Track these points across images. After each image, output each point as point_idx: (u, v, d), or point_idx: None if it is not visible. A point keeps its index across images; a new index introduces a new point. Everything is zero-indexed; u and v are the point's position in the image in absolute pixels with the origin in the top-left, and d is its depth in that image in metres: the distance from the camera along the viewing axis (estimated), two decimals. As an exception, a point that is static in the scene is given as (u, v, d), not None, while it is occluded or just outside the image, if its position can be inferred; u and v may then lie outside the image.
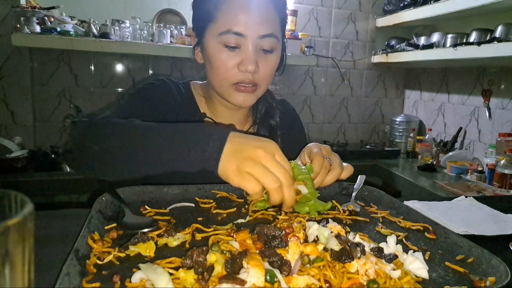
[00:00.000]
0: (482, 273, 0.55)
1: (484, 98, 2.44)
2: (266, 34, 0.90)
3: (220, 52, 0.90)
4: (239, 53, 0.90)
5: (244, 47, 0.89)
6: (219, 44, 0.90)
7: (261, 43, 0.90)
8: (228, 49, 0.89)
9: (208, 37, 0.92)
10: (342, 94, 3.11)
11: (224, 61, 0.90)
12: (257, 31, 0.89)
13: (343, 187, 0.91)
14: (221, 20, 0.89)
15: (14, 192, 0.34)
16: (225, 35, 0.88)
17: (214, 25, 0.90)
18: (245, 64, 0.89)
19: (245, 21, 0.88)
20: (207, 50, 0.93)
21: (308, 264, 0.52)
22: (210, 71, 0.95)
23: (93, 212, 0.64)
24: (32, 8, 2.14)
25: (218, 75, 0.93)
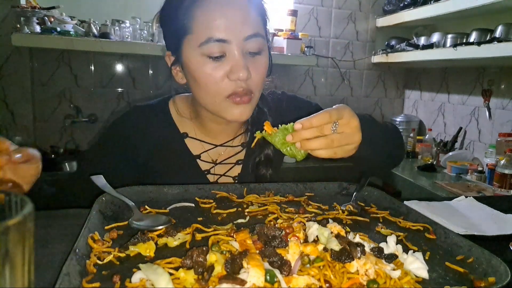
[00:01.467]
0: (482, 273, 0.55)
1: (484, 98, 2.44)
2: (251, 35, 0.81)
3: (204, 65, 0.81)
4: (225, 62, 0.81)
5: (230, 54, 0.80)
6: (202, 56, 0.81)
7: (247, 46, 0.82)
8: (213, 59, 0.80)
9: (186, 52, 0.83)
10: (342, 94, 3.11)
11: (211, 74, 0.81)
12: (241, 32, 0.80)
13: (343, 187, 0.91)
14: (199, 30, 0.80)
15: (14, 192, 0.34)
16: (206, 45, 0.79)
17: (192, 37, 0.81)
18: (235, 72, 0.80)
19: (225, 25, 0.79)
20: (188, 67, 0.84)
21: (308, 264, 0.52)
22: (197, 89, 0.86)
23: (93, 212, 0.64)
24: (32, 8, 2.14)
25: (208, 91, 0.83)
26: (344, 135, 0.70)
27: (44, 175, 0.76)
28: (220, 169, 0.99)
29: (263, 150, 0.98)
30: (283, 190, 0.86)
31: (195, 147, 0.98)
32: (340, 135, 0.70)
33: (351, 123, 0.71)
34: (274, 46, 2.61)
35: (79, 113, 2.45)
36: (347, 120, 0.70)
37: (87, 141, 2.48)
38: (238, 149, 1.02)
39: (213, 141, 1.00)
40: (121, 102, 2.55)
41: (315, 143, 0.69)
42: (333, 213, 0.76)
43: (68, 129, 2.47)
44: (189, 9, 0.81)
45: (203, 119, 0.96)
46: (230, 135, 1.01)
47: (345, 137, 0.70)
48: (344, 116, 0.70)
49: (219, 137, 1.00)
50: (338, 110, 0.70)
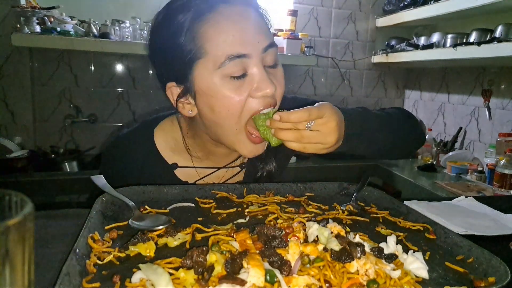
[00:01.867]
0: (482, 273, 0.55)
1: (484, 98, 2.44)
2: (268, 45, 0.77)
3: (226, 87, 0.74)
4: (247, 80, 0.75)
5: (252, 70, 0.75)
6: (222, 79, 0.74)
7: (266, 58, 0.77)
8: (235, 79, 0.74)
9: (201, 77, 0.75)
10: (342, 94, 3.11)
11: (235, 96, 0.74)
12: (259, 44, 0.75)
13: (343, 187, 0.91)
14: (214, 50, 0.73)
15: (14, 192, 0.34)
16: (227, 64, 0.73)
17: (206, 60, 0.74)
18: (261, 88, 0.74)
19: (243, 39, 0.74)
20: (205, 94, 0.76)
21: (308, 264, 0.52)
22: (214, 119, 0.78)
23: (93, 212, 0.64)
24: (32, 8, 2.14)
25: (229, 118, 0.76)
26: (317, 134, 0.72)
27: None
28: None
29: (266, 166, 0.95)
30: (283, 190, 0.86)
31: (188, 176, 0.92)
32: (312, 133, 0.72)
33: (328, 123, 0.72)
34: (274, 46, 2.60)
35: (79, 113, 2.45)
36: (325, 120, 0.72)
37: (87, 141, 2.48)
38: (236, 170, 0.97)
39: (212, 164, 0.94)
40: (121, 102, 2.56)
41: (286, 135, 0.72)
42: (333, 213, 0.75)
43: (68, 129, 2.47)
44: (196, 31, 0.74)
45: (206, 145, 0.89)
46: (231, 158, 0.96)
47: (318, 136, 0.72)
48: (324, 115, 0.72)
49: (222, 160, 0.94)
50: (319, 109, 0.71)
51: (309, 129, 0.71)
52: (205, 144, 0.90)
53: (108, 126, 2.54)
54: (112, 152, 0.94)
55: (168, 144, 0.93)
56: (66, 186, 2.03)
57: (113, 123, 2.56)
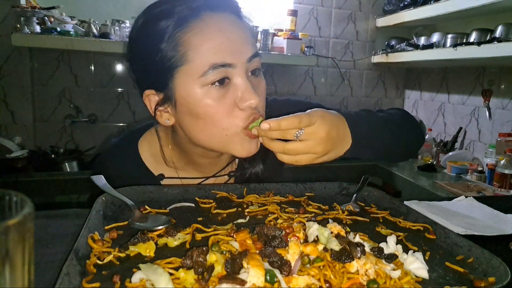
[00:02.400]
0: (482, 273, 0.55)
1: (484, 98, 2.44)
2: (253, 55, 0.76)
3: (209, 96, 0.72)
4: (231, 89, 0.74)
5: (235, 80, 0.73)
6: (203, 87, 0.72)
7: (250, 67, 0.76)
8: (218, 88, 0.73)
9: (181, 85, 0.73)
10: (342, 94, 3.11)
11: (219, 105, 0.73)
12: (244, 53, 0.74)
13: (343, 187, 0.91)
14: (197, 57, 0.71)
15: (14, 192, 0.34)
16: (210, 72, 0.71)
17: (188, 67, 0.72)
18: (246, 99, 0.73)
19: (228, 48, 0.72)
20: (187, 102, 0.74)
21: (308, 264, 0.52)
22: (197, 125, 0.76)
23: (93, 212, 0.64)
24: (32, 8, 2.14)
25: (218, 125, 0.74)
26: (305, 144, 0.69)
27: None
28: None
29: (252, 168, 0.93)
30: (283, 190, 0.86)
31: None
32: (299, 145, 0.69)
33: (317, 133, 0.69)
34: (274, 46, 2.61)
35: (79, 113, 2.45)
36: (314, 129, 0.69)
37: (87, 141, 2.48)
38: (225, 179, 0.95)
39: (199, 174, 0.93)
40: (121, 102, 2.56)
41: (275, 146, 0.70)
42: (333, 213, 0.75)
43: (68, 129, 2.47)
44: (178, 38, 0.72)
45: (191, 155, 0.87)
46: (219, 166, 0.94)
47: (306, 147, 0.69)
48: (315, 124, 0.69)
49: (208, 169, 0.93)
50: (310, 116, 0.68)
51: (298, 139, 0.68)
52: (188, 154, 0.88)
53: (108, 126, 2.54)
54: (98, 167, 0.93)
55: (153, 155, 0.91)
56: (66, 186, 2.03)
57: (113, 123, 2.56)
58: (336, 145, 0.73)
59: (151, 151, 0.92)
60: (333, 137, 0.71)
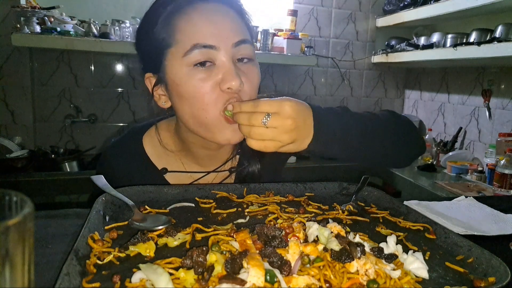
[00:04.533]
0: (482, 273, 0.55)
1: (484, 98, 2.44)
2: (240, 41, 0.77)
3: (192, 76, 0.74)
4: (215, 70, 0.75)
5: (219, 62, 0.75)
6: (188, 67, 0.75)
7: (237, 53, 0.77)
8: (201, 69, 0.75)
9: (170, 66, 0.77)
10: (342, 94, 3.11)
11: (201, 85, 0.74)
12: (229, 38, 0.75)
13: (343, 187, 0.91)
14: (183, 39, 0.75)
15: (14, 192, 0.34)
16: (192, 52, 0.74)
17: (175, 48, 0.76)
18: (227, 81, 0.74)
19: (212, 31, 0.75)
20: (174, 82, 0.77)
21: (308, 264, 0.52)
22: (184, 107, 0.78)
23: (93, 212, 0.64)
24: (32, 8, 2.14)
25: (199, 107, 0.76)
26: (272, 131, 0.67)
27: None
28: None
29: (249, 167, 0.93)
30: (283, 190, 0.86)
31: (178, 181, 0.92)
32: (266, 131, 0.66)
33: (283, 121, 0.66)
34: (274, 46, 2.61)
35: (79, 113, 2.45)
36: (281, 116, 0.66)
37: (87, 141, 2.48)
38: (226, 174, 0.96)
39: (201, 168, 0.94)
40: (121, 102, 2.56)
41: (242, 129, 0.70)
42: (333, 213, 0.75)
43: (68, 129, 2.47)
44: (170, 22, 0.77)
45: (191, 147, 0.89)
46: (219, 160, 0.95)
47: (272, 133, 0.67)
48: (282, 112, 0.66)
49: (209, 163, 0.94)
50: (280, 104, 0.66)
51: (265, 125, 0.66)
52: (187, 144, 0.90)
53: (108, 126, 2.54)
54: (103, 162, 0.94)
55: (157, 149, 0.93)
56: (66, 186, 2.03)
57: (113, 123, 2.56)
58: (301, 135, 0.70)
59: (155, 146, 0.93)
60: (299, 126, 0.68)
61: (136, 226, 0.63)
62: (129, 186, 0.78)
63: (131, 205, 0.69)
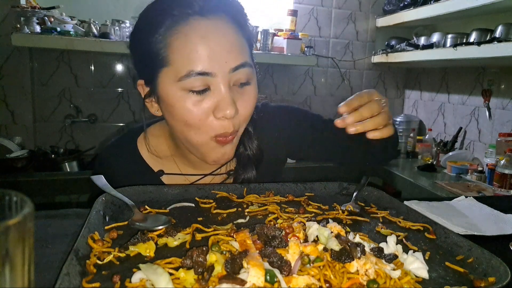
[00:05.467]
0: (482, 273, 0.55)
1: (484, 98, 2.44)
2: (238, 66, 0.73)
3: (185, 100, 0.72)
4: (209, 96, 0.73)
5: (215, 88, 0.72)
6: (182, 91, 0.72)
7: (234, 77, 0.74)
8: (195, 94, 0.72)
9: (163, 85, 0.74)
10: (342, 94, 3.10)
11: (194, 110, 0.72)
12: (227, 64, 0.72)
13: (343, 187, 0.91)
14: (177, 62, 0.71)
15: (14, 192, 0.34)
16: (187, 79, 0.71)
17: (169, 70, 0.73)
18: (222, 109, 0.72)
19: (208, 56, 0.70)
20: (166, 101, 0.75)
21: (308, 264, 0.52)
22: (175, 124, 0.77)
23: (93, 212, 0.64)
24: (32, 8, 2.14)
25: (190, 129, 0.75)
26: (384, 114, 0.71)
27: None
28: None
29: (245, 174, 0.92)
30: (283, 190, 0.86)
31: (175, 182, 0.91)
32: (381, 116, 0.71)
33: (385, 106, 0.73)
34: (274, 46, 2.61)
35: (79, 113, 2.46)
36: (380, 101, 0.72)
37: (87, 141, 2.48)
38: (223, 177, 0.95)
39: (196, 171, 0.93)
40: (121, 102, 2.56)
41: (369, 124, 0.69)
42: (333, 213, 0.75)
43: (68, 129, 2.47)
44: (165, 39, 0.73)
45: (184, 151, 0.88)
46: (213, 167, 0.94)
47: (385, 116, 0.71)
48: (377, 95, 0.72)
49: (204, 166, 0.92)
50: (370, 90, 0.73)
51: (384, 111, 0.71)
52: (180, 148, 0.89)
53: (108, 126, 2.54)
54: (98, 166, 0.94)
55: (152, 152, 0.92)
56: (66, 186, 2.03)
57: (113, 123, 2.56)
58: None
59: (150, 148, 0.92)
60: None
61: (136, 226, 0.63)
62: (129, 186, 0.78)
63: (131, 205, 0.69)
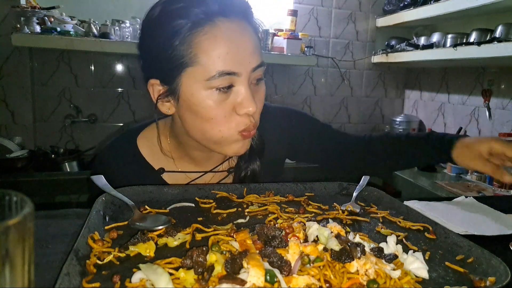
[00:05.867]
0: (482, 273, 0.55)
1: (484, 98, 2.44)
2: (258, 65, 0.79)
3: (211, 98, 0.76)
4: (232, 94, 0.77)
5: (238, 87, 0.77)
6: (207, 90, 0.75)
7: (253, 76, 0.79)
8: (220, 92, 0.76)
9: (188, 84, 0.76)
10: (342, 94, 3.11)
11: (218, 108, 0.76)
12: (250, 64, 0.77)
13: (343, 187, 0.91)
14: (207, 63, 0.74)
15: (14, 192, 0.34)
16: (216, 79, 0.74)
17: (196, 69, 0.75)
18: (244, 107, 0.77)
19: (236, 57, 0.75)
20: (190, 100, 0.77)
21: (308, 264, 0.52)
22: (195, 122, 0.79)
23: (93, 212, 0.64)
24: (32, 8, 2.14)
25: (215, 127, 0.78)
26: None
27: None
28: None
29: (249, 165, 0.94)
30: (283, 190, 0.86)
31: (177, 180, 0.93)
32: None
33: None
34: (274, 46, 2.61)
35: (79, 113, 2.45)
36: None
37: (87, 141, 2.48)
38: (224, 175, 0.97)
39: (197, 168, 0.95)
40: (121, 102, 2.56)
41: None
42: (333, 213, 0.76)
43: (68, 129, 2.47)
44: (192, 40, 0.74)
45: (187, 149, 0.91)
46: (215, 161, 0.96)
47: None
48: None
49: (205, 164, 0.95)
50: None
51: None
52: (184, 146, 0.91)
53: (108, 126, 2.54)
54: (98, 166, 0.94)
55: (152, 150, 0.93)
56: (66, 186, 2.03)
57: (113, 123, 2.56)
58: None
59: (151, 146, 0.93)
60: None
61: (136, 226, 0.63)
62: (129, 186, 0.78)
63: (131, 205, 0.69)
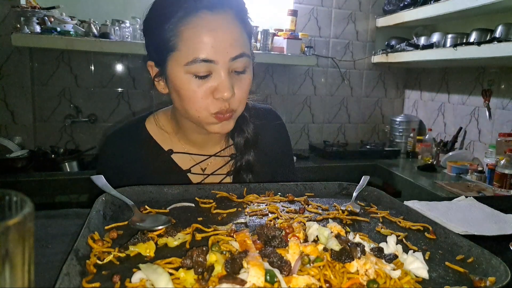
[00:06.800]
0: (482, 273, 0.55)
1: (484, 98, 2.44)
2: (237, 55, 0.83)
3: (190, 82, 0.83)
4: (210, 80, 0.83)
5: (216, 73, 0.82)
6: (187, 74, 0.82)
7: (233, 65, 0.84)
8: (198, 78, 0.82)
9: (172, 67, 0.84)
10: (342, 94, 3.11)
11: (196, 91, 0.83)
12: (228, 54, 0.82)
13: (343, 187, 0.91)
14: (185, 48, 0.81)
15: (14, 192, 0.34)
16: (192, 64, 0.80)
17: (177, 54, 0.82)
18: (220, 92, 0.82)
19: (212, 46, 0.80)
20: (173, 82, 0.85)
21: (308, 264, 0.52)
22: (181, 102, 0.87)
23: (93, 212, 0.64)
24: (32, 8, 2.14)
25: (192, 106, 0.85)
26: None
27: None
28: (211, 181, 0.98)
29: (244, 156, 0.98)
30: (283, 190, 0.86)
31: (184, 162, 0.98)
32: None
33: None
34: (274, 46, 2.61)
35: (79, 113, 2.45)
36: None
37: (87, 141, 2.48)
38: (227, 159, 1.01)
39: (200, 152, 1.00)
40: (121, 102, 2.56)
41: None
42: (333, 213, 0.76)
43: (68, 129, 2.47)
44: (176, 27, 0.82)
45: (186, 131, 0.96)
46: (216, 145, 1.01)
47: None
48: None
49: (206, 147, 1.00)
50: None
51: None
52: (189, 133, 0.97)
53: (108, 126, 2.54)
54: (107, 149, 0.98)
55: (161, 132, 0.99)
56: (66, 186, 2.03)
57: (113, 123, 2.56)
58: None
59: (158, 129, 0.99)
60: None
61: (136, 226, 0.63)
62: (129, 186, 0.78)
63: (131, 205, 0.69)
